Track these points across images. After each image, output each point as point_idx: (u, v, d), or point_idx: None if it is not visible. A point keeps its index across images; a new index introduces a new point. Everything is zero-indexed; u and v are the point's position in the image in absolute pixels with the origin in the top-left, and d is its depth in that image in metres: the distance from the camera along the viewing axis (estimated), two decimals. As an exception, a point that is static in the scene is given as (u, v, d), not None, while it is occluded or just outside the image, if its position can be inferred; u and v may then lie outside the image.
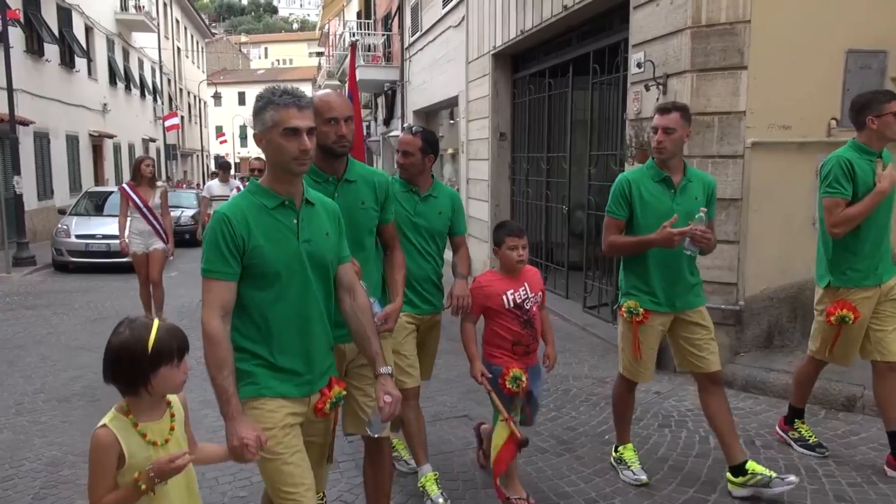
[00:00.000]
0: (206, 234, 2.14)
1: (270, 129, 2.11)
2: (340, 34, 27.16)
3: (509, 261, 3.17)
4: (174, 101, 33.43)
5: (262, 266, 2.13)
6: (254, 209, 2.14)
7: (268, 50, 76.26)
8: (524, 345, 3.16)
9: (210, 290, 2.09)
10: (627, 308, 3.39)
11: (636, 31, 5.83)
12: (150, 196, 6.75)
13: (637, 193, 3.34)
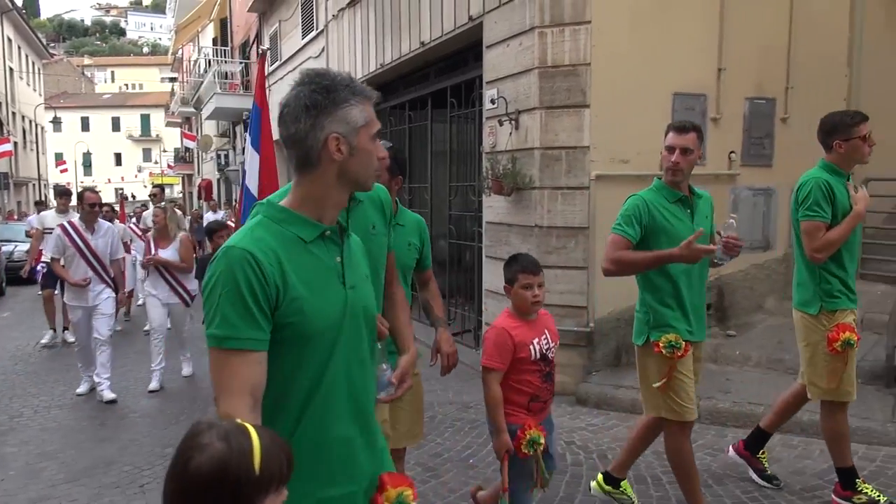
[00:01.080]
0: (213, 282, 1.44)
1: (360, 129, 1.52)
2: (195, 60, 26.23)
3: (523, 302, 2.74)
4: (5, 125, 30.59)
5: (302, 326, 1.48)
6: (286, 244, 1.50)
7: (115, 73, 71.94)
8: (542, 400, 2.79)
9: (231, 369, 1.41)
10: (667, 343, 3.01)
11: (489, 70, 6.14)
12: None
13: (654, 215, 3.07)
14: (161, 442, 4.68)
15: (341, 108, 1.50)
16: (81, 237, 5.81)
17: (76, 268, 5.77)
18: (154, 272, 6.18)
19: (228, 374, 1.41)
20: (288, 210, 1.54)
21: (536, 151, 5.46)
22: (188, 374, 6.44)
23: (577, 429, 4.75)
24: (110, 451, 4.53)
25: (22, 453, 4.55)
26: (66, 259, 5.80)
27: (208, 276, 1.46)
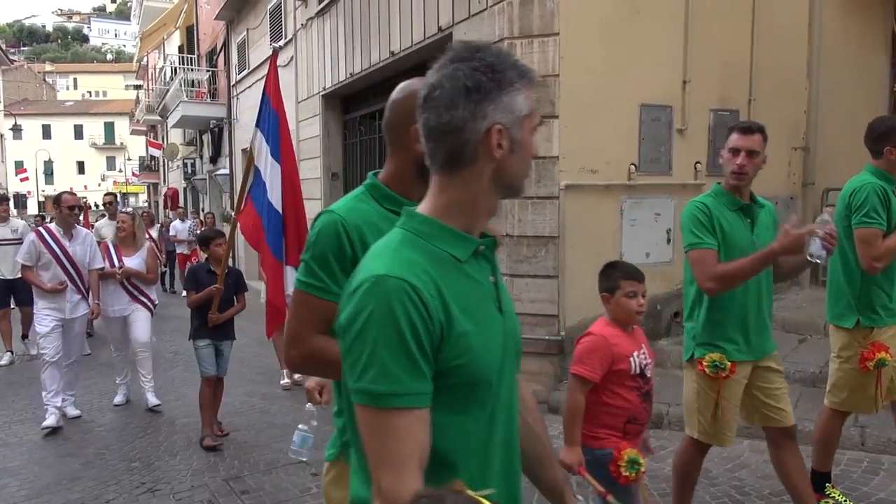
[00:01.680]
0: (363, 322, 1.11)
1: (524, 120, 1.23)
2: (161, 67, 25.90)
3: (626, 311, 2.51)
4: (-37, 133, 29.82)
5: (470, 368, 1.18)
6: (440, 265, 1.19)
7: (77, 80, 70.60)
8: (640, 423, 2.49)
9: (396, 433, 1.11)
10: (711, 363, 2.81)
11: (460, 80, 6.17)
12: None
13: (717, 223, 2.83)
14: (127, 456, 4.59)
15: (507, 92, 1.20)
16: (59, 243, 5.39)
17: (52, 276, 5.37)
18: (113, 283, 5.70)
19: (393, 440, 1.11)
20: (435, 222, 1.23)
21: (507, 161, 5.50)
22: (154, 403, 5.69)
23: (551, 437, 4.76)
24: (74, 467, 4.43)
25: (-19, 470, 4.42)
26: (39, 267, 5.36)
27: (351, 314, 1.13)
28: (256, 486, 4.06)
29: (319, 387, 2.43)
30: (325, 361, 1.63)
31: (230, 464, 4.42)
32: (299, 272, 1.70)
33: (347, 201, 1.72)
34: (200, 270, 5.01)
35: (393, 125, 1.69)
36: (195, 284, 4.89)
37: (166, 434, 5.07)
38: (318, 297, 1.63)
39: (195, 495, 3.94)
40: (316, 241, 1.66)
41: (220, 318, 4.81)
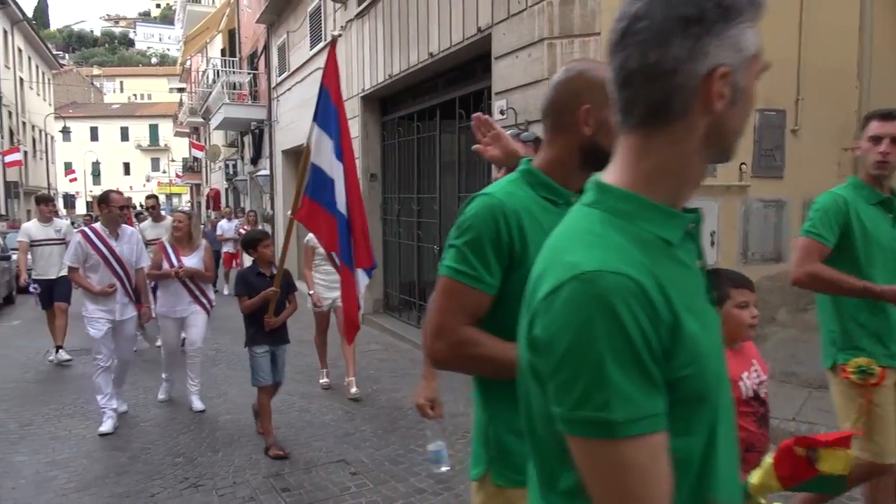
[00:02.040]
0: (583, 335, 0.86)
1: (751, 61, 0.96)
2: (203, 70, 26.41)
3: (738, 325, 2.12)
4: (16, 135, 30.84)
5: (699, 377, 0.93)
6: (651, 253, 0.94)
7: (123, 84, 72.54)
8: (758, 450, 2.03)
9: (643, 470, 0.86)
10: (857, 368, 2.54)
11: (498, 80, 6.16)
12: None
13: (856, 217, 2.61)
14: (171, 451, 4.68)
15: (735, 24, 0.93)
16: (106, 243, 5.21)
17: (101, 279, 5.21)
18: (173, 283, 5.62)
19: (638, 478, 0.86)
20: (637, 197, 0.97)
21: (546, 162, 5.47)
22: (199, 408, 5.62)
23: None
24: (121, 461, 4.54)
25: (32, 462, 4.56)
26: (87, 269, 5.22)
27: (556, 325, 0.89)
28: (297, 483, 4.11)
29: (429, 402, 2.30)
30: (476, 356, 1.53)
31: (270, 462, 4.48)
32: (448, 258, 1.57)
33: (504, 185, 1.60)
34: (250, 274, 4.73)
35: (557, 107, 1.57)
36: (247, 289, 4.62)
37: (209, 430, 5.16)
38: (468, 285, 1.52)
39: (237, 491, 4.01)
40: (471, 226, 1.54)
41: (276, 322, 4.62)
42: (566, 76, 1.57)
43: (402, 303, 9.51)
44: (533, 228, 1.52)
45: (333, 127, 4.52)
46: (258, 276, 4.68)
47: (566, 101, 1.55)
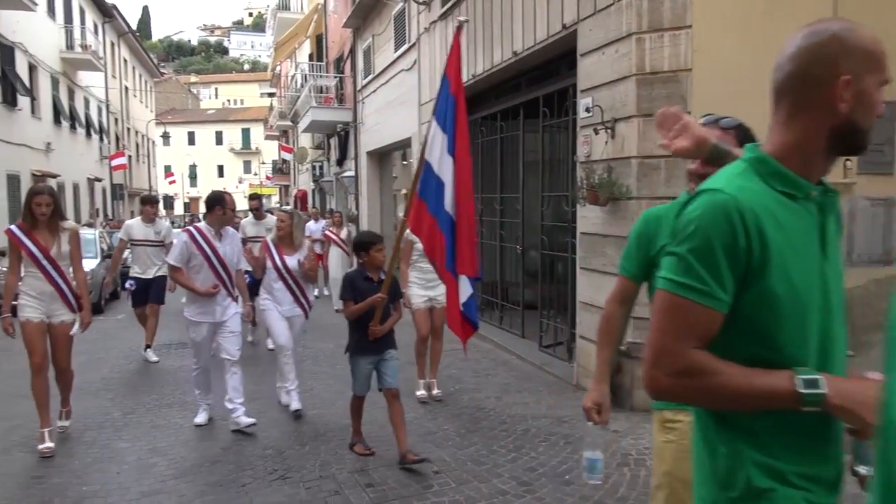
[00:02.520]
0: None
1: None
2: (292, 75, 27.27)
3: None
4: (121, 140, 32.85)
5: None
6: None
7: (218, 90, 75.97)
8: None
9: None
10: None
11: (584, 78, 6.04)
12: (51, 243, 4.70)
13: None
14: (261, 444, 4.84)
15: None
16: (210, 244, 5.14)
17: (204, 279, 5.13)
18: (277, 282, 5.56)
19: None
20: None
21: (634, 160, 5.32)
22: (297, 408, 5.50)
23: (676, 448, 4.56)
24: (215, 451, 4.73)
25: (135, 448, 4.81)
26: (190, 269, 5.14)
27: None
28: (380, 480, 4.16)
29: (597, 406, 2.23)
30: (710, 387, 1.28)
31: (356, 457, 4.56)
32: (669, 269, 1.31)
33: (731, 179, 1.32)
34: (357, 278, 4.45)
35: (801, 80, 1.31)
36: (353, 293, 4.37)
37: (296, 425, 5.29)
38: (696, 302, 1.26)
39: (323, 485, 4.09)
40: (697, 229, 1.27)
41: (382, 331, 4.36)
42: (814, 40, 1.30)
43: (484, 303, 9.49)
44: (773, 231, 1.26)
45: (449, 118, 4.21)
46: (366, 281, 4.43)
47: (817, 71, 1.28)
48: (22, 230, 4.63)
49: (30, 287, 4.68)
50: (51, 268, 4.66)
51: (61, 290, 4.72)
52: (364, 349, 4.40)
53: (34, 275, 4.67)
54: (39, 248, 4.62)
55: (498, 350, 7.85)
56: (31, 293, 4.68)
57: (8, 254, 4.71)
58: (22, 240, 4.60)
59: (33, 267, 4.65)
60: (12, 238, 4.63)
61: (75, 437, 5.05)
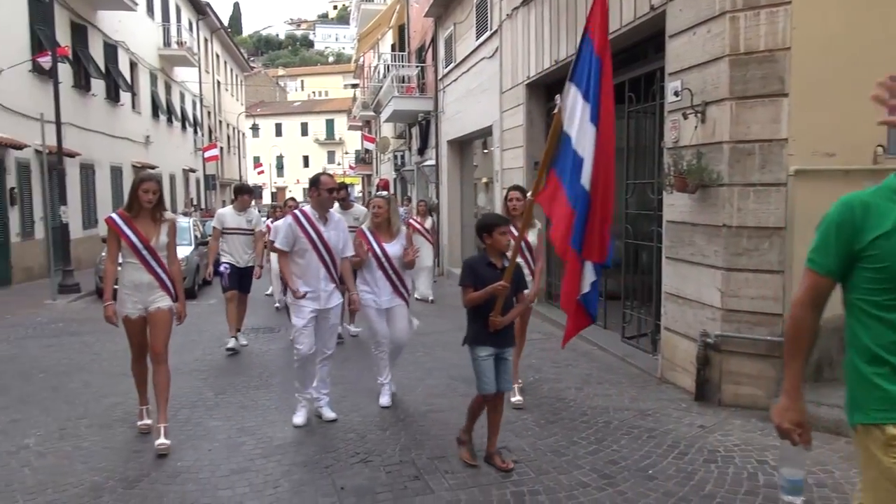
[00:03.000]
0: None
1: None
2: (375, 66, 27.64)
3: None
4: (214, 132, 34.28)
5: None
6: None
7: (304, 82, 78.03)
8: None
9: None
10: None
11: (672, 60, 5.81)
12: (152, 233, 4.62)
13: None
14: (344, 427, 4.94)
15: None
16: (315, 228, 4.97)
17: (307, 264, 4.98)
18: (375, 272, 5.38)
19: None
20: None
21: (725, 145, 5.08)
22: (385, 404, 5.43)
23: (770, 447, 4.36)
24: (299, 433, 4.86)
25: (225, 427, 5.01)
26: (294, 254, 5.00)
27: None
28: (460, 467, 4.16)
29: (796, 425, 2.07)
30: None
31: (435, 443, 4.58)
32: None
33: None
34: (479, 264, 4.09)
35: None
36: (474, 279, 4.03)
37: (379, 410, 5.37)
38: None
39: (403, 469, 4.14)
40: None
41: (503, 322, 4.00)
42: None
43: (564, 293, 9.35)
44: None
45: (593, 82, 3.77)
46: (488, 267, 4.06)
47: None
48: (123, 219, 4.59)
49: (128, 278, 4.61)
50: (150, 257, 4.59)
51: (160, 278, 4.63)
52: (483, 339, 4.05)
53: (132, 264, 4.59)
54: (140, 238, 4.55)
55: (579, 340, 7.71)
56: (129, 285, 4.61)
57: (107, 242, 4.69)
58: (122, 228, 4.55)
59: (132, 256, 4.57)
60: (113, 226, 4.59)
61: (171, 415, 5.29)
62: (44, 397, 5.85)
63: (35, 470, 4.23)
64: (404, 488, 3.88)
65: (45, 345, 8.15)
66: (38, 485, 3.99)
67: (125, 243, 4.55)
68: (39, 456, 4.47)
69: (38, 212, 14.69)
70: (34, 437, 4.84)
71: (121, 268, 4.62)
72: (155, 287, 4.63)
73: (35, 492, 3.89)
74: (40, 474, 4.15)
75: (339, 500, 3.75)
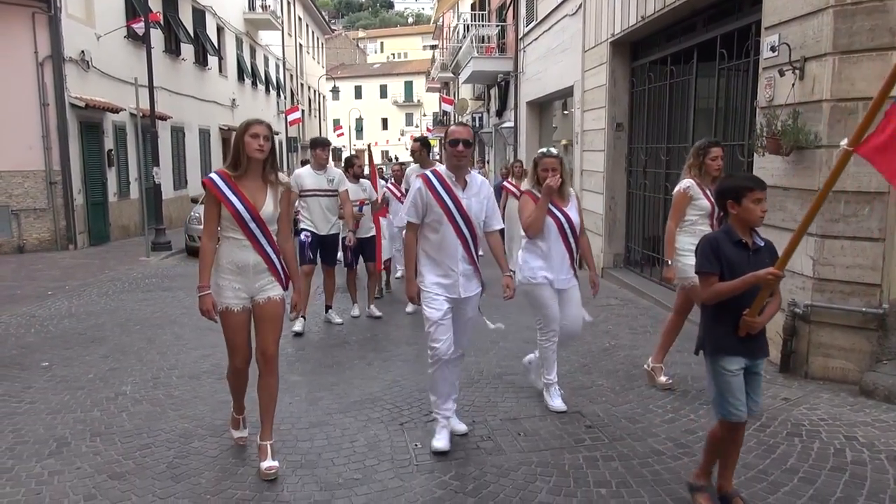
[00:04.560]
0: None
1: None
2: (454, 26, 27.33)
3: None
4: (296, 95, 34.92)
5: None
6: None
7: (383, 44, 78.10)
8: None
9: None
10: None
11: (770, 13, 5.45)
12: (261, 200, 3.55)
13: None
14: (418, 386, 5.01)
15: None
16: (451, 194, 3.84)
17: (442, 239, 3.85)
18: (554, 242, 4.37)
19: None
20: None
21: (825, 104, 4.76)
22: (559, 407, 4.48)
23: (860, 423, 4.15)
24: (376, 389, 4.98)
25: (305, 382, 5.19)
26: (425, 227, 3.90)
27: None
28: (532, 429, 4.17)
29: None
30: None
31: (508, 406, 4.60)
32: None
33: None
34: (724, 242, 2.98)
35: None
36: (718, 264, 2.95)
37: (451, 370, 5.42)
38: None
39: (475, 430, 4.17)
40: None
41: (759, 324, 2.94)
42: None
43: (644, 258, 9.12)
44: None
45: None
46: (737, 246, 2.97)
47: None
48: (224, 179, 3.50)
49: (228, 258, 3.54)
50: (259, 231, 3.52)
51: (270, 259, 3.57)
52: (733, 348, 2.98)
53: (235, 241, 3.53)
54: (246, 205, 3.47)
55: (657, 307, 7.53)
56: (230, 267, 3.55)
57: (204, 211, 3.57)
58: (224, 192, 3.46)
59: (235, 229, 3.51)
60: (212, 188, 3.47)
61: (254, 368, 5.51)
62: (140, 348, 6.21)
63: (131, 415, 4.52)
64: (476, 448, 3.92)
65: (140, 299, 8.63)
66: (135, 429, 4.26)
67: (227, 211, 3.48)
68: (135, 402, 4.77)
69: (133, 173, 15.47)
70: (130, 384, 5.16)
71: (219, 245, 3.61)
72: (263, 270, 3.57)
73: (132, 435, 4.16)
74: (136, 419, 4.43)
75: (415, 457, 3.82)
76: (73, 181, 13.07)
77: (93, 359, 5.85)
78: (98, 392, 4.97)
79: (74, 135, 13.14)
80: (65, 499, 3.37)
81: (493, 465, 3.68)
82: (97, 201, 14.00)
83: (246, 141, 3.50)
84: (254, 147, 3.49)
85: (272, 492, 3.41)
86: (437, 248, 3.89)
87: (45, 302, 8.40)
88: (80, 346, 6.26)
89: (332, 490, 3.44)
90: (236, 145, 3.54)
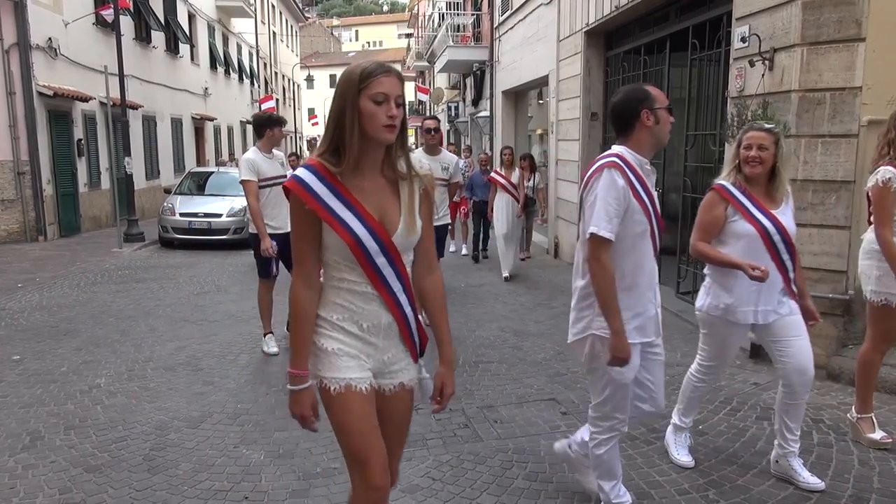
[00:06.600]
0: None
1: None
2: (430, 15, 27.22)
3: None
4: (270, 84, 34.55)
5: None
6: None
7: (358, 32, 77.49)
8: None
9: None
10: None
11: (740, 4, 5.53)
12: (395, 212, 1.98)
13: None
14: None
15: None
16: (644, 185, 2.71)
17: (641, 258, 2.72)
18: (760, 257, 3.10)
19: None
20: None
21: (794, 94, 4.85)
22: None
23: (826, 406, 4.26)
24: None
25: (282, 373, 5.14)
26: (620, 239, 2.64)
27: None
28: (508, 416, 4.22)
29: None
30: None
31: (484, 393, 4.64)
32: None
33: None
34: None
35: None
36: None
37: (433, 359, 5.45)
38: None
39: (453, 418, 4.22)
40: None
41: None
42: None
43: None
44: None
45: None
46: None
47: None
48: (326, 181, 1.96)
49: (342, 312, 2.03)
50: (392, 271, 2.02)
51: (405, 320, 2.10)
52: None
53: (351, 283, 2.01)
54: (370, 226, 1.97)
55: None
56: (347, 325, 2.03)
57: (293, 236, 2.01)
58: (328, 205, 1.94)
59: (353, 267, 1.99)
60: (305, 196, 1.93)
61: (231, 360, 5.51)
62: (113, 340, 6.15)
63: (106, 408, 4.48)
64: (453, 435, 3.96)
65: (113, 290, 8.53)
66: (110, 421, 4.23)
67: (337, 238, 1.94)
68: (110, 395, 4.73)
69: (104, 163, 15.22)
70: (104, 377, 5.11)
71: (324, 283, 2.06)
72: (395, 335, 2.11)
73: (107, 428, 4.13)
74: (111, 412, 4.40)
75: (391, 445, 3.84)
76: (41, 171, 12.82)
77: (65, 352, 5.78)
78: (71, 385, 4.92)
79: (43, 124, 12.88)
80: (39, 492, 3.35)
81: (470, 453, 3.73)
82: (67, 192, 13.76)
83: (363, 108, 1.94)
84: (380, 120, 1.92)
85: (249, 482, 3.42)
86: (634, 271, 2.69)
87: (14, 294, 8.26)
88: (52, 339, 6.18)
89: (310, 479, 3.46)
90: (338, 116, 1.99)
